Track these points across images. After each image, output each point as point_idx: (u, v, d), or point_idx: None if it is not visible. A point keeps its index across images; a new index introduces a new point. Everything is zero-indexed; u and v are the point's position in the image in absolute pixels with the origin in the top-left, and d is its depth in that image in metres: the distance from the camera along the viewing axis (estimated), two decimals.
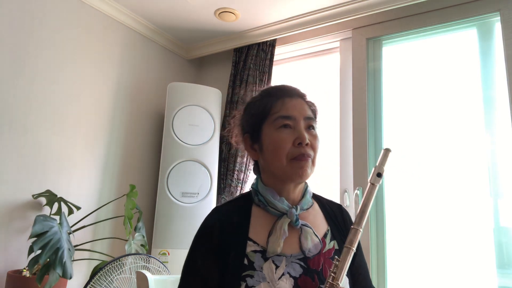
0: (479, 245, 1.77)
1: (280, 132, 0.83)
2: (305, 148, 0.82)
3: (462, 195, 1.86)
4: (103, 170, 2.26)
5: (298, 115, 0.85)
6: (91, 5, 2.25)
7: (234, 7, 2.31)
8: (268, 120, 0.86)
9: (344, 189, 2.14)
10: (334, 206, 0.97)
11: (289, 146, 0.82)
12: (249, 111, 0.93)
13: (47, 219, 1.58)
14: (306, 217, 0.88)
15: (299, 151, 0.82)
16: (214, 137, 2.44)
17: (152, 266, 1.79)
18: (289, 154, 0.82)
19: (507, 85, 1.78)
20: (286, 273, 0.78)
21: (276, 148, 0.83)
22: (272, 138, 0.84)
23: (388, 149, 0.84)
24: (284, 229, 0.81)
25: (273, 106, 0.86)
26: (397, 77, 2.17)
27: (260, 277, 0.76)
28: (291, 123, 0.84)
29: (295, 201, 0.88)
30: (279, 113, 0.85)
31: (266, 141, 0.86)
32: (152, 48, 2.68)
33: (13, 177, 1.82)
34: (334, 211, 0.95)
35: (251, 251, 0.80)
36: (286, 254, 0.80)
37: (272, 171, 0.86)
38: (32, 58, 1.94)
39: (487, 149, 1.84)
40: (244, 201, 0.90)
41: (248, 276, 0.76)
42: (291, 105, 0.86)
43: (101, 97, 2.29)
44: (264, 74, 2.50)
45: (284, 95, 0.88)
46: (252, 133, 0.90)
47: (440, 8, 2.03)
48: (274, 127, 0.84)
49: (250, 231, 0.83)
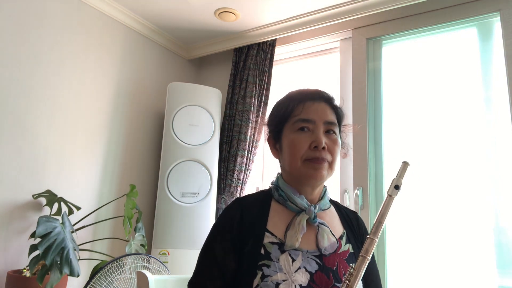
0: (479, 245, 1.77)
1: (298, 134, 0.87)
2: (321, 152, 0.85)
3: (462, 195, 1.85)
4: (103, 170, 2.26)
5: (318, 119, 0.87)
6: (91, 5, 2.25)
7: (234, 7, 2.31)
8: (288, 122, 0.90)
9: (344, 189, 2.14)
10: (350, 212, 1.00)
11: (305, 149, 0.85)
12: (273, 112, 0.96)
13: (49, 220, 1.59)
14: (323, 217, 0.90)
15: (314, 154, 0.85)
16: (214, 137, 2.44)
17: (152, 266, 1.79)
18: (304, 156, 0.85)
19: (507, 85, 1.78)
20: (303, 267, 0.79)
21: (292, 149, 0.86)
22: (290, 139, 0.87)
23: (406, 163, 0.86)
24: (303, 225, 0.84)
25: (294, 109, 0.89)
26: (397, 77, 2.17)
27: (276, 268, 0.78)
28: (310, 126, 0.87)
29: (314, 201, 0.91)
30: (299, 116, 0.88)
31: (285, 142, 0.89)
32: (152, 48, 2.68)
33: (13, 177, 1.82)
34: (350, 216, 0.98)
35: (268, 242, 0.82)
36: (303, 249, 0.82)
37: (289, 171, 0.90)
38: (32, 58, 1.94)
39: (487, 149, 1.84)
40: (264, 196, 0.93)
41: (265, 265, 0.78)
42: (312, 109, 0.88)
43: (101, 97, 2.29)
44: (264, 74, 2.50)
45: (306, 99, 0.90)
46: (275, 133, 0.94)
47: (440, 8, 2.03)
48: (293, 129, 0.88)
49: (269, 224, 0.85)
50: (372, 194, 2.05)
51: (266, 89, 2.49)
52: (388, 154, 2.08)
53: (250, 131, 2.44)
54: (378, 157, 2.09)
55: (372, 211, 2.02)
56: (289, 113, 0.90)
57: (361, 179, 2.06)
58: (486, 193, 1.80)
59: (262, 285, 0.76)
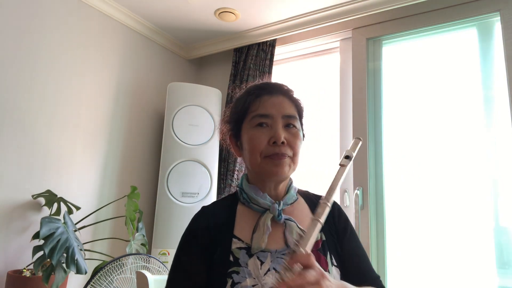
0: (479, 245, 1.77)
1: (256, 130, 0.83)
2: (280, 147, 0.81)
3: (462, 195, 1.85)
4: (103, 170, 2.26)
5: (276, 113, 0.84)
6: (91, 5, 2.25)
7: (234, 7, 2.30)
8: (246, 118, 0.87)
9: (344, 189, 2.14)
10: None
11: (264, 145, 0.82)
12: (232, 109, 0.94)
13: (52, 220, 1.59)
14: (291, 211, 0.88)
15: (273, 150, 0.81)
16: (214, 137, 2.44)
17: (152, 266, 1.79)
18: (263, 152, 0.82)
19: (507, 85, 1.78)
20: (272, 268, 0.77)
21: (251, 146, 0.83)
22: (249, 136, 0.85)
23: (359, 139, 0.84)
24: (267, 225, 0.81)
25: (251, 104, 0.86)
26: (397, 77, 2.17)
27: (245, 273, 0.76)
28: (268, 122, 0.83)
29: (279, 197, 0.88)
30: (256, 112, 0.85)
31: (244, 139, 0.87)
32: (152, 48, 2.68)
33: (13, 177, 1.82)
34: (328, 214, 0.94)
35: (236, 248, 0.80)
36: (271, 250, 0.80)
37: (251, 169, 0.87)
38: (32, 58, 1.94)
39: (487, 148, 1.84)
40: (231, 200, 0.91)
41: (234, 272, 0.76)
42: (270, 103, 0.85)
43: (101, 97, 2.29)
44: (264, 74, 2.50)
45: (263, 93, 0.87)
46: (235, 131, 0.91)
47: (440, 8, 2.03)
48: (251, 125, 0.85)
49: (235, 229, 0.83)
50: (372, 194, 2.05)
51: None
52: (388, 154, 2.08)
53: None
54: (378, 157, 2.09)
55: (372, 211, 2.02)
56: (247, 109, 0.86)
57: (361, 179, 2.06)
58: (486, 193, 1.80)
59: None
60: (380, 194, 2.04)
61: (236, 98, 0.93)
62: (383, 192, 2.03)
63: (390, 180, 2.05)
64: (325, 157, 2.32)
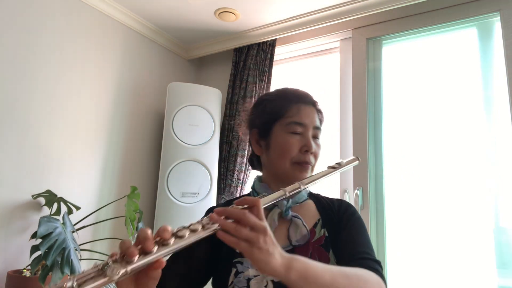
0: (479, 245, 1.77)
1: (290, 137, 0.88)
2: (309, 156, 0.88)
3: (462, 195, 1.85)
4: (103, 170, 2.26)
5: (309, 123, 0.90)
6: (91, 5, 2.25)
7: (234, 7, 2.30)
8: (280, 121, 0.90)
9: (344, 189, 2.14)
10: (333, 200, 0.96)
11: (296, 152, 0.87)
12: (262, 108, 0.95)
13: (50, 220, 1.59)
14: (298, 210, 0.91)
15: (304, 158, 0.87)
16: (214, 137, 2.44)
17: None
18: (293, 158, 0.87)
19: (507, 85, 1.78)
20: None
21: (284, 150, 0.88)
22: (282, 140, 0.89)
23: (358, 158, 0.94)
24: (274, 219, 0.86)
25: (288, 109, 0.90)
26: (397, 77, 2.17)
27: (248, 264, 0.80)
28: (301, 130, 0.89)
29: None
30: (293, 118, 0.89)
31: (274, 141, 0.90)
32: (152, 48, 2.68)
33: (13, 177, 1.82)
34: (331, 204, 0.94)
35: None
36: None
37: (274, 170, 0.91)
38: (32, 58, 1.94)
39: (487, 149, 1.84)
40: None
41: (238, 262, 0.81)
42: (305, 113, 0.90)
43: (101, 97, 2.29)
44: (264, 74, 2.50)
45: (300, 101, 0.92)
46: (262, 130, 0.93)
47: (440, 8, 2.03)
48: (286, 130, 0.89)
49: None
50: (372, 194, 2.05)
51: (266, 89, 2.49)
52: (388, 154, 2.08)
53: None
54: (378, 157, 2.09)
55: (372, 211, 2.02)
56: (283, 113, 0.90)
57: (361, 179, 2.06)
58: (486, 193, 1.80)
59: (235, 282, 0.79)
60: (380, 194, 2.04)
61: (266, 99, 0.96)
62: (383, 192, 2.03)
63: (390, 180, 2.05)
64: (325, 157, 2.32)
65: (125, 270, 0.51)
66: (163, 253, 0.55)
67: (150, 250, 0.54)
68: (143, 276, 0.58)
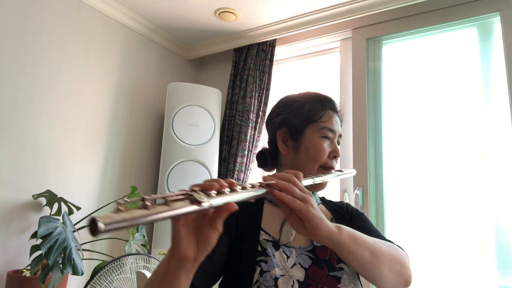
0: (479, 245, 1.77)
1: (323, 141, 0.91)
2: (334, 162, 0.93)
3: (462, 195, 1.85)
4: (103, 170, 2.26)
5: (337, 131, 0.94)
6: (91, 5, 2.25)
7: (234, 7, 2.30)
8: (313, 125, 0.92)
9: (344, 189, 2.14)
10: (337, 202, 1.03)
11: (325, 157, 0.91)
12: (298, 109, 0.95)
13: (50, 220, 1.59)
14: None
15: (331, 164, 0.92)
16: (214, 137, 2.44)
17: (152, 266, 1.79)
18: (322, 162, 0.91)
19: (507, 85, 1.78)
20: (298, 263, 0.82)
21: (316, 154, 0.90)
22: (315, 144, 0.91)
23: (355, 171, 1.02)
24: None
25: (323, 115, 0.93)
26: (397, 77, 2.17)
27: (273, 263, 0.80)
28: (331, 136, 0.92)
29: None
30: (326, 124, 0.92)
31: (306, 143, 0.91)
32: (152, 48, 2.68)
33: (13, 177, 1.82)
34: (339, 206, 1.01)
35: (263, 239, 0.84)
36: (296, 246, 0.84)
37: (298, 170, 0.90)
38: (32, 58, 1.94)
39: (487, 148, 1.84)
40: (257, 200, 0.94)
41: (262, 261, 0.80)
42: (335, 120, 0.94)
43: (101, 97, 2.29)
44: (264, 74, 2.50)
45: (332, 109, 0.95)
46: (293, 130, 0.94)
47: (440, 8, 2.03)
48: (318, 134, 0.91)
49: (262, 223, 0.87)
50: (372, 194, 2.05)
51: (266, 89, 2.49)
52: (388, 154, 2.08)
53: (250, 131, 2.44)
54: (378, 157, 2.09)
55: (372, 211, 2.02)
56: (317, 118, 0.92)
57: (361, 179, 2.06)
58: (486, 193, 1.80)
59: (261, 281, 0.77)
60: (380, 194, 2.04)
61: (298, 99, 0.96)
62: (383, 192, 2.03)
63: (390, 180, 2.05)
64: None
65: (210, 204, 0.51)
66: (235, 197, 0.55)
67: (224, 190, 0.54)
68: (207, 228, 0.56)
